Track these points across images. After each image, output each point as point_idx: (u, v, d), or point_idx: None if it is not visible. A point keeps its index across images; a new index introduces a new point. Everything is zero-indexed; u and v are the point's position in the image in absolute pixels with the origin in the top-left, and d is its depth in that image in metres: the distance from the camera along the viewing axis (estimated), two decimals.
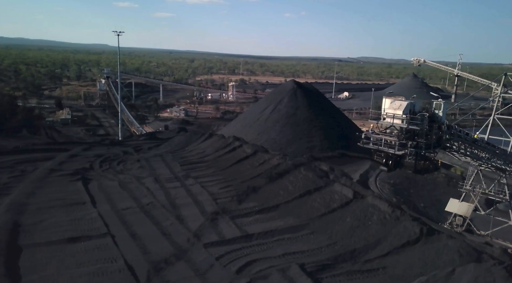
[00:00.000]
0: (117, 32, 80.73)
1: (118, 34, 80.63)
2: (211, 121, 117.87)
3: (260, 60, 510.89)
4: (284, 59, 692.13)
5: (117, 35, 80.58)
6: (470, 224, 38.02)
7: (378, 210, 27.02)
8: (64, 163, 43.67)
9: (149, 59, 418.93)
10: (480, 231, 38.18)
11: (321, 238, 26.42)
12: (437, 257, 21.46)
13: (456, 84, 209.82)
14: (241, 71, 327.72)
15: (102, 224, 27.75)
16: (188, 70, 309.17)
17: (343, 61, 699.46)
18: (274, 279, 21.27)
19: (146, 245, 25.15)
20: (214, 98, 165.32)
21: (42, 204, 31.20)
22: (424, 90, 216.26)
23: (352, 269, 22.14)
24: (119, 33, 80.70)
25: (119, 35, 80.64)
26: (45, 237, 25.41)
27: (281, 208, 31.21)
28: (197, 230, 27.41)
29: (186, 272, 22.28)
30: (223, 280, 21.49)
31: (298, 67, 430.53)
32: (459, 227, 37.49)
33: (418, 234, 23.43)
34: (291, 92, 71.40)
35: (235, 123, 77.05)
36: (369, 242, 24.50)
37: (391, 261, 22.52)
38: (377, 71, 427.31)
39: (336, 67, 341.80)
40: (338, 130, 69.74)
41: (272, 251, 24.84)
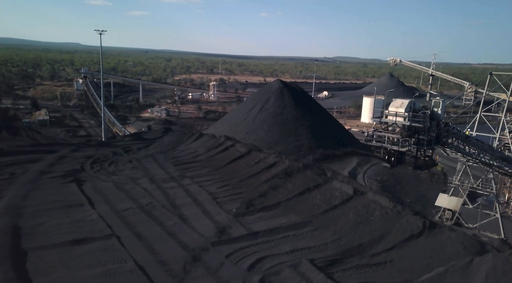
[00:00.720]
0: (99, 31, 79.24)
1: (101, 33, 79.13)
2: (194, 121, 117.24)
3: (238, 60, 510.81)
4: (262, 58, 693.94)
5: (99, 34, 79.09)
6: (458, 218, 39.59)
7: (379, 205, 27.86)
8: (53, 165, 42.76)
9: (125, 59, 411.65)
10: (468, 224, 39.80)
11: (326, 234, 27.02)
12: (441, 250, 22.40)
13: (430, 84, 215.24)
14: (220, 70, 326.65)
15: (105, 226, 27.48)
16: (167, 70, 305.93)
17: (320, 61, 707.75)
18: (286, 275, 21.69)
19: (153, 245, 25.12)
20: (194, 98, 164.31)
21: (38, 206, 30.58)
22: (401, 89, 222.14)
23: (360, 263, 22.81)
24: (101, 32, 79.22)
25: (102, 34, 79.21)
26: (48, 239, 24.99)
27: (282, 206, 31.66)
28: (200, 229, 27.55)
29: (198, 270, 22.41)
30: (235, 277, 21.72)
31: (276, 66, 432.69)
32: (449, 221, 38.95)
33: (421, 228, 24.36)
34: (278, 92, 72.08)
35: (221, 123, 77.06)
36: (373, 236, 25.25)
37: (397, 254, 23.32)
38: (353, 71, 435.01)
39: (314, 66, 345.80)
40: (324, 129, 70.91)
41: (280, 248, 25.26)
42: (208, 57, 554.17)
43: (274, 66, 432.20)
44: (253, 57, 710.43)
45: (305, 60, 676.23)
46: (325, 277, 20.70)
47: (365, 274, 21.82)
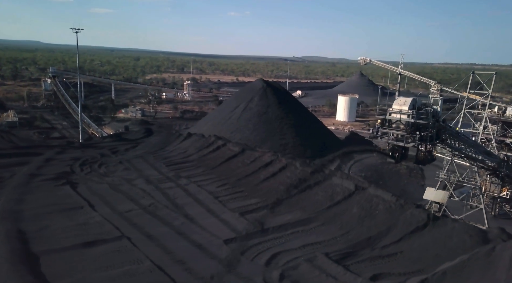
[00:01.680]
0: (75, 29, 76.96)
1: (77, 31, 76.87)
2: (171, 121, 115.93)
3: (208, 59, 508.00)
4: (231, 58, 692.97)
5: (76, 32, 76.83)
6: (445, 210, 41.67)
7: (382, 199, 29.07)
8: (42, 167, 41.57)
9: (91, 58, 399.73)
10: (454, 216, 41.95)
11: (333, 228, 27.94)
12: (448, 239, 23.79)
13: (399, 82, 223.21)
14: (191, 70, 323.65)
15: (112, 227, 27.21)
16: (137, 69, 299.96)
17: (289, 60, 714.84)
18: (304, 269, 22.39)
19: (165, 245, 25.17)
20: (169, 97, 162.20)
21: (37, 210, 29.84)
22: (371, 88, 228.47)
23: (372, 255, 23.85)
24: (77, 31, 76.96)
25: (78, 32, 76.91)
26: (57, 243, 24.53)
27: (285, 203, 32.36)
28: (210, 229, 27.81)
29: (217, 268, 22.69)
30: (255, 273, 22.20)
31: (247, 66, 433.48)
32: (436, 213, 40.92)
33: (426, 220, 25.69)
34: (261, 91, 72.72)
35: (204, 122, 76.82)
36: (380, 229, 26.38)
37: (406, 245, 24.53)
38: (323, 70, 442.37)
39: (284, 66, 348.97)
40: (307, 128, 72.22)
41: (291, 243, 25.92)
42: (177, 56, 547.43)
43: (245, 66, 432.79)
44: (223, 56, 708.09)
45: (275, 60, 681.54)
46: (343, 269, 21.56)
47: (379, 265, 22.86)
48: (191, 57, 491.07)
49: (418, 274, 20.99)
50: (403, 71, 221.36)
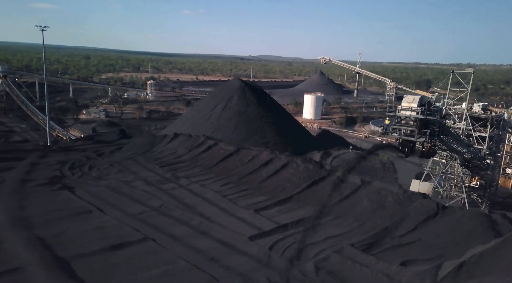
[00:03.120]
0: (40, 27, 73.22)
1: (43, 29, 73.20)
2: (139, 121, 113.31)
3: (163, 57, 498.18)
4: (187, 56, 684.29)
5: (41, 30, 73.13)
6: None
7: (390, 192, 30.99)
8: (30, 172, 39.84)
9: (38, 56, 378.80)
10: None
11: (348, 221, 29.43)
12: (460, 226, 25.99)
13: (357, 81, 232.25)
14: (148, 68, 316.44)
15: (131, 230, 27.02)
16: (91, 68, 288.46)
17: (245, 59, 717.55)
18: (335, 260, 23.60)
19: (192, 245, 25.42)
20: (130, 97, 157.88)
21: (45, 216, 28.92)
22: (331, 86, 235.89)
23: (394, 244, 25.54)
24: (43, 28, 73.30)
25: (44, 30, 73.23)
26: (82, 247, 24.09)
27: (295, 199, 33.49)
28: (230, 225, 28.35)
29: (250, 264, 23.33)
30: (290, 266, 23.06)
31: (205, 64, 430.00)
32: None
33: (436, 209, 27.82)
34: (240, 90, 73.31)
35: (181, 122, 76.11)
36: (394, 220, 28.19)
37: (421, 233, 26.46)
38: (280, 69, 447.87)
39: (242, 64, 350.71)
40: (285, 126, 73.86)
41: (313, 237, 27.01)
42: (130, 55, 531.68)
43: (203, 64, 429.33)
44: (178, 55, 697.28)
45: (231, 59, 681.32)
46: (375, 258, 22.99)
47: (402, 253, 24.56)
48: (145, 55, 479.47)
49: (441, 259, 22.88)
50: (361, 70, 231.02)
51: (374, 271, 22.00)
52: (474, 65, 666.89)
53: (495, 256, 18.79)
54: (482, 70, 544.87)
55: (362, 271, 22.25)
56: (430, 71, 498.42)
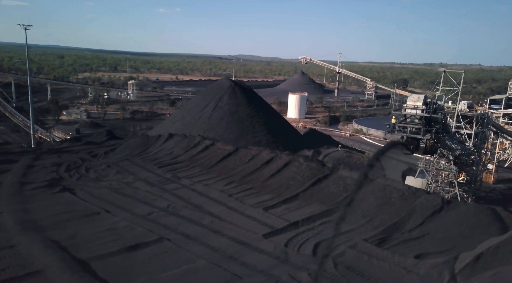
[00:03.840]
0: (23, 26, 71.22)
1: (26, 28, 71.22)
2: (123, 122, 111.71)
3: (141, 57, 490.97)
4: (164, 55, 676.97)
5: (24, 29, 71.11)
6: None
7: (394, 188, 31.99)
8: (27, 175, 39.06)
9: (9, 55, 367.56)
10: None
11: (356, 217, 30.21)
12: (466, 219, 27.14)
13: (338, 81, 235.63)
14: (127, 68, 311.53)
15: (144, 230, 27.04)
16: (67, 68, 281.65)
17: (224, 58, 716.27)
18: (352, 255, 24.29)
19: (208, 243, 25.65)
20: (111, 97, 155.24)
21: (53, 218, 28.61)
22: (312, 86, 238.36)
23: (405, 238, 26.45)
24: (26, 27, 71.32)
25: (27, 29, 71.28)
26: (98, 249, 24.00)
27: (301, 197, 34.10)
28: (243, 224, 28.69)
29: (269, 261, 23.76)
30: (307, 262, 23.60)
31: (184, 64, 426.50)
32: None
33: (441, 204, 28.94)
34: (230, 90, 73.48)
35: (171, 122, 75.59)
36: (401, 215, 29.14)
37: (429, 227, 27.48)
38: (260, 69, 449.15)
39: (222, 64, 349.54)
40: (276, 125, 74.54)
41: (325, 234, 27.68)
42: (106, 54, 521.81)
43: (182, 64, 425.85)
44: (155, 54, 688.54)
45: (209, 58, 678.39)
46: (390, 252, 23.81)
47: (414, 246, 25.49)
48: (122, 55, 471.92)
49: (452, 252, 23.93)
50: (341, 70, 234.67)
51: (391, 264, 22.80)
52: (446, 65, 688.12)
53: (511, 247, 19.86)
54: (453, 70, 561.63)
55: (379, 265, 23.02)
56: (405, 70, 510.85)
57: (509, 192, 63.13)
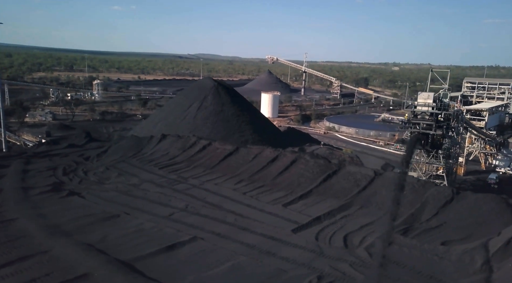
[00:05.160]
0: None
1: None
2: (94, 123, 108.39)
3: (98, 56, 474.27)
4: (121, 54, 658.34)
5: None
6: None
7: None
8: (25, 180, 37.73)
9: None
10: None
11: (373, 210, 31.92)
12: (478, 208, 29.47)
13: (304, 80, 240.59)
14: (85, 67, 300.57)
15: (175, 231, 27.29)
16: (21, 67, 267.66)
17: (184, 57, 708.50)
18: (379, 244, 25.83)
19: (241, 241, 26.32)
20: (74, 98, 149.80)
21: (74, 223, 28.24)
22: (279, 85, 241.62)
23: (425, 227, 28.38)
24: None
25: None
26: (135, 250, 24.13)
27: (314, 193, 35.38)
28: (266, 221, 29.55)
29: (306, 254, 24.80)
30: (342, 254, 24.86)
31: (144, 63, 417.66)
32: None
33: (452, 194, 31.22)
34: (214, 90, 73.70)
35: (152, 123, 74.64)
36: (415, 206, 31.13)
37: (445, 217, 29.59)
38: (223, 68, 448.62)
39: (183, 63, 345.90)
40: (260, 124, 75.70)
41: (349, 226, 29.12)
42: (58, 53, 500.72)
43: (142, 63, 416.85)
44: (111, 53, 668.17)
45: (169, 57, 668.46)
46: (417, 242, 25.59)
47: (435, 235, 27.45)
48: (76, 53, 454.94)
49: (471, 239, 26.11)
50: (307, 69, 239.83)
51: (422, 252, 24.59)
52: (399, 64, 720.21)
53: None
54: (407, 69, 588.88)
55: (411, 254, 24.75)
56: (363, 69, 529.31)
57: (478, 182, 68.08)
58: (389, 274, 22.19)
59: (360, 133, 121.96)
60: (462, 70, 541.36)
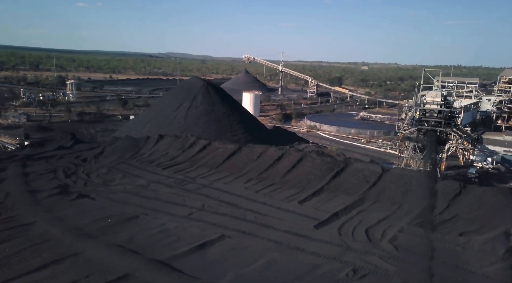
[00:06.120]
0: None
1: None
2: (72, 124, 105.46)
3: (65, 55, 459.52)
4: (88, 53, 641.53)
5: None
6: None
7: (412, 177, 35.59)
8: (28, 183, 36.92)
9: None
10: None
11: (386, 205, 33.24)
12: (485, 200, 31.27)
13: (281, 79, 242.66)
14: (52, 66, 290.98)
15: (200, 230, 27.70)
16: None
17: (154, 56, 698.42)
18: (404, 237, 27.19)
19: (268, 238, 26.98)
20: (46, 98, 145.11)
21: (95, 225, 28.27)
22: (256, 84, 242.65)
23: (440, 220, 29.89)
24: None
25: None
26: (168, 250, 24.51)
27: (326, 190, 36.41)
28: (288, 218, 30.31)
29: (334, 248, 25.71)
30: (369, 247, 25.92)
31: (114, 62, 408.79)
32: None
33: (459, 188, 32.96)
34: (204, 89, 73.53)
35: (140, 123, 73.55)
36: (426, 201, 32.67)
37: (455, 209, 31.24)
38: (196, 67, 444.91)
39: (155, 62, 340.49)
40: (250, 123, 76.21)
41: (367, 221, 30.26)
42: (22, 51, 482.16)
43: (112, 62, 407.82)
44: (78, 52, 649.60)
45: (139, 56, 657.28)
46: (440, 234, 27.01)
47: (451, 227, 28.99)
48: (41, 52, 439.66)
49: (485, 229, 27.82)
50: (284, 69, 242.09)
51: (444, 243, 26.00)
52: (368, 64, 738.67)
53: None
54: (375, 68, 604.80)
55: (435, 245, 26.07)
56: (334, 69, 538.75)
57: (459, 177, 71.28)
58: (418, 265, 23.42)
59: (341, 132, 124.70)
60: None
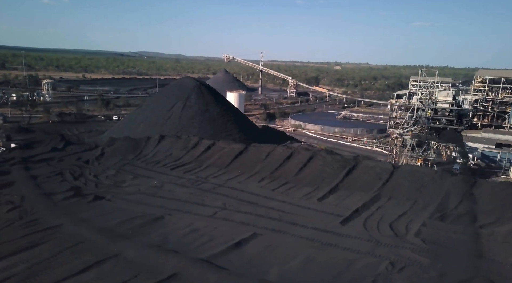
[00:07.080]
0: None
1: None
2: (54, 126, 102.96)
3: (31, 53, 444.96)
4: (55, 51, 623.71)
5: None
6: None
7: (423, 173, 37.21)
8: (40, 186, 36.39)
9: None
10: None
11: (401, 201, 34.64)
12: (496, 194, 33.11)
13: (261, 79, 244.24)
14: (19, 65, 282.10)
15: (229, 229, 28.22)
16: None
17: (126, 55, 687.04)
18: (427, 231, 28.46)
19: (299, 235, 27.75)
20: (25, 98, 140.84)
21: (124, 226, 28.46)
22: (236, 84, 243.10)
23: (456, 214, 31.48)
24: None
25: None
26: (203, 250, 24.89)
27: (340, 187, 37.54)
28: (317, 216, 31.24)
29: (365, 244, 26.77)
30: (398, 242, 27.02)
31: (85, 61, 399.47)
32: None
33: (470, 183, 34.78)
34: (197, 89, 73.56)
35: (131, 124, 72.68)
36: (440, 196, 34.28)
37: (468, 205, 32.93)
38: (171, 66, 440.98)
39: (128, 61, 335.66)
40: (244, 123, 76.82)
41: (388, 217, 31.45)
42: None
43: (83, 61, 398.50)
44: (45, 50, 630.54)
45: (109, 54, 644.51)
46: (461, 227, 28.53)
47: (467, 221, 30.60)
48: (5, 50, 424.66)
49: (499, 222, 29.59)
50: (264, 68, 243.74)
51: (468, 236, 27.50)
52: (341, 64, 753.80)
53: None
54: (348, 68, 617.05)
55: (458, 238, 27.56)
56: (308, 69, 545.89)
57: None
58: (446, 258, 24.77)
59: (325, 130, 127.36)
60: (397, 69, 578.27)
